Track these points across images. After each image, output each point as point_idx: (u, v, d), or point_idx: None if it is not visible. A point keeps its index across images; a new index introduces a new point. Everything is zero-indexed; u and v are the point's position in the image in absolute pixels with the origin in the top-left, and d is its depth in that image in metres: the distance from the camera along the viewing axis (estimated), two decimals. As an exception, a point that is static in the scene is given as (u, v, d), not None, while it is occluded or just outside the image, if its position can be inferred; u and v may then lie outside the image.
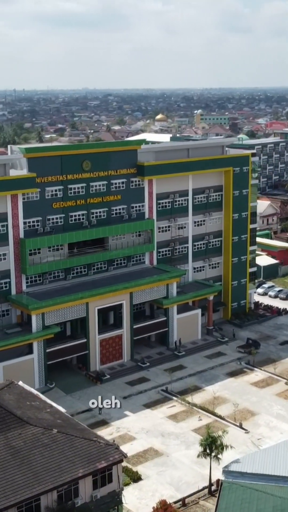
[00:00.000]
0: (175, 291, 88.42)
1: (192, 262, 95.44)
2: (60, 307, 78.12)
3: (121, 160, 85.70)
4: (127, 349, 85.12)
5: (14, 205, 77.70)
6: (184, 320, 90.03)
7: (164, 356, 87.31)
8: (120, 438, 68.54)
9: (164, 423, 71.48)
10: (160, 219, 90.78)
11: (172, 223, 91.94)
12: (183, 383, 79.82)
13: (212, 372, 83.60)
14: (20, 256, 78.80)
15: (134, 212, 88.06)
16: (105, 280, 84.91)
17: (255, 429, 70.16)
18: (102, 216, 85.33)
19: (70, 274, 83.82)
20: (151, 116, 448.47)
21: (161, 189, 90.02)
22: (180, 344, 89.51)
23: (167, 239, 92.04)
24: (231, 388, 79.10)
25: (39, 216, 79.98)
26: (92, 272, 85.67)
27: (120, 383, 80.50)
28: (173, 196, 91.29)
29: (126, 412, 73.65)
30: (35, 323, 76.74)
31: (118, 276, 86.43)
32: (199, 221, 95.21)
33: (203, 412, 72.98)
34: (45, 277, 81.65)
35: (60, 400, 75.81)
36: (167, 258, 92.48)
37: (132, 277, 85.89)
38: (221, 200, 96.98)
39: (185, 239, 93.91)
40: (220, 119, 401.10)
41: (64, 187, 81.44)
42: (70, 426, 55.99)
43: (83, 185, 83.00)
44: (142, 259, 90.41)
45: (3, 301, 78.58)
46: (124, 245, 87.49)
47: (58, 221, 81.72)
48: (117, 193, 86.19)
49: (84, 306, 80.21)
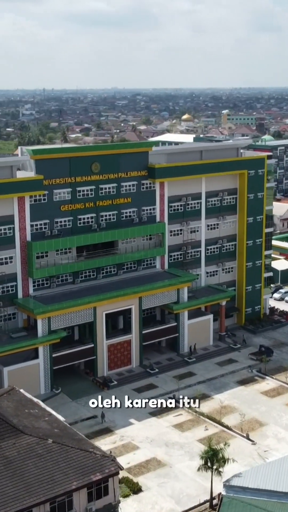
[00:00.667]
0: (186, 296, 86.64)
1: (205, 266, 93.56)
2: (67, 312, 76.87)
3: (132, 162, 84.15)
4: (136, 354, 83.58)
5: (21, 207, 76.59)
6: (196, 326, 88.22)
7: (174, 363, 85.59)
8: (123, 447, 67.09)
9: (169, 432, 69.81)
10: (172, 222, 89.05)
11: (184, 226, 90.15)
12: (191, 391, 77.94)
13: (222, 379, 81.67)
14: (27, 259, 77.69)
15: (144, 215, 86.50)
16: (114, 284, 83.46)
17: (262, 440, 68.16)
18: (111, 219, 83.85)
19: (79, 278, 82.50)
20: (178, 116, 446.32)
21: (173, 191, 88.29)
22: (195, 349, 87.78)
23: (179, 243, 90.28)
24: (240, 397, 77.13)
25: (46, 218, 78.77)
26: (101, 276, 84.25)
27: (128, 389, 78.97)
28: (185, 199, 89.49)
29: (131, 420, 72.15)
30: (40, 327, 75.59)
31: (127, 280, 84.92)
32: (213, 225, 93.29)
33: (210, 422, 71.15)
34: (52, 281, 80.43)
35: (65, 406, 74.81)
36: (179, 262, 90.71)
37: (142, 281, 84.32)
38: (236, 203, 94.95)
39: (198, 243, 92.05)
40: (247, 119, 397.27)
41: (72, 190, 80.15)
42: (67, 435, 54.58)
43: (92, 187, 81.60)
44: (153, 263, 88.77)
45: (10, 305, 77.50)
46: (134, 248, 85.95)
47: (66, 224, 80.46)
48: (127, 196, 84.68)
49: (92, 311, 78.87)
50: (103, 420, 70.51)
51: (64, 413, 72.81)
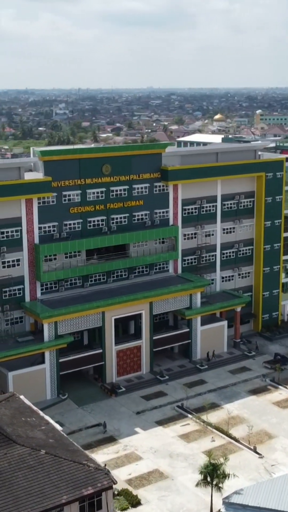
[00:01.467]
0: (199, 301, 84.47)
1: (220, 271, 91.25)
2: (74, 316, 75.35)
3: (144, 164, 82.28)
4: (146, 360, 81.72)
5: (29, 209, 75.28)
6: (209, 332, 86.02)
7: (186, 370, 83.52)
8: (126, 457, 65.30)
9: (174, 442, 67.78)
10: (186, 225, 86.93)
11: (199, 230, 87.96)
12: (201, 400, 75.88)
13: (234, 388, 79.33)
14: (35, 262, 76.36)
15: (157, 218, 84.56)
16: (124, 288, 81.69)
17: (270, 453, 65.73)
18: (123, 222, 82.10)
19: (88, 282, 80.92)
20: (211, 116, 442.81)
21: (187, 194, 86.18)
22: (214, 356, 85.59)
23: (193, 247, 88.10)
24: (251, 407, 74.73)
25: (55, 221, 77.35)
26: (112, 280, 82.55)
27: (136, 396, 77.19)
28: (200, 202, 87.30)
29: (136, 429, 70.34)
30: (47, 332, 74.19)
31: (138, 284, 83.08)
32: (229, 229, 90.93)
33: (217, 433, 68.94)
34: (61, 284, 78.98)
35: (71, 413, 73.35)
36: (193, 266, 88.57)
37: (153, 286, 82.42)
38: (253, 206, 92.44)
39: (213, 247, 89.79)
40: (281, 119, 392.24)
41: (82, 192, 78.60)
42: (62, 446, 52.98)
43: (102, 189, 79.94)
44: (166, 267, 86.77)
45: (17, 308, 76.28)
46: (146, 252, 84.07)
47: (76, 226, 78.92)
48: (139, 198, 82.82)
49: (100, 316, 77.20)
50: (105, 430, 68.75)
51: (69, 420, 71.82)
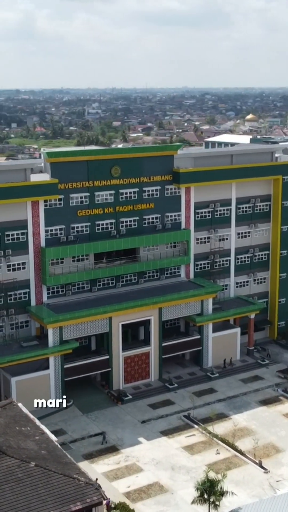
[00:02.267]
0: (211, 307, 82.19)
1: (235, 276, 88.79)
2: (80, 321, 73.75)
3: (155, 166, 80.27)
4: (155, 368, 79.74)
5: (35, 212, 73.87)
6: (221, 339, 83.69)
7: (196, 377, 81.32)
8: (126, 468, 63.44)
9: (178, 454, 65.70)
10: (199, 229, 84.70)
11: (212, 234, 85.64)
12: (209, 409, 73.60)
13: (244, 398, 76.91)
14: (41, 266, 74.93)
15: (168, 221, 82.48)
16: (133, 293, 79.83)
17: (276, 468, 63.24)
18: (132, 226, 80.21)
19: (96, 286, 79.22)
20: (244, 115, 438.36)
21: (200, 197, 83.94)
22: (231, 363, 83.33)
23: (206, 251, 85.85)
24: (260, 419, 72.27)
25: (62, 224, 75.79)
26: (121, 285, 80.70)
27: (142, 405, 75.26)
28: (213, 205, 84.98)
29: (140, 439, 68.44)
30: (51, 337, 72.70)
31: (148, 289, 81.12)
32: (243, 233, 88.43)
33: (222, 445, 66.67)
34: (68, 288, 77.42)
35: (74, 421, 71.78)
36: (206, 271, 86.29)
37: (164, 291, 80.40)
38: (269, 210, 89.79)
39: (227, 252, 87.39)
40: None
41: (90, 194, 76.92)
42: (54, 458, 51.29)
43: (111, 192, 78.19)
44: (177, 271, 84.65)
45: (22, 312, 74.93)
46: (156, 256, 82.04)
47: (84, 229, 77.28)
48: (150, 201, 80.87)
49: (107, 321, 75.45)
50: (104, 441, 66.96)
51: (72, 428, 70.27)
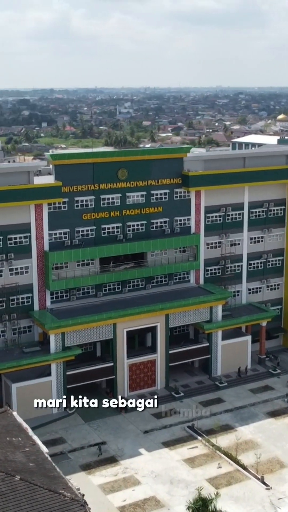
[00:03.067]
0: (220, 314, 79.92)
1: (247, 282, 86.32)
2: (83, 327, 72.13)
3: (164, 169, 78.24)
4: (161, 375, 77.75)
5: (38, 215, 72.42)
6: (231, 347, 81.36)
7: (204, 386, 79.13)
8: (123, 481, 61.56)
9: (178, 467, 63.62)
10: (209, 234, 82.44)
11: (223, 239, 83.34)
12: (215, 420, 71.42)
13: (252, 409, 74.48)
14: (44, 270, 73.47)
15: (178, 226, 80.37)
16: (140, 299, 77.92)
17: (279, 485, 60.77)
18: (140, 230, 78.31)
19: (102, 291, 77.49)
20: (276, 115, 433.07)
21: (210, 201, 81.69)
22: (246, 371, 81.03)
23: (217, 256, 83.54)
24: (267, 431, 69.83)
25: (66, 227, 74.23)
26: (127, 290, 78.87)
27: (146, 414, 73.20)
28: (224, 210, 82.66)
29: (140, 450, 66.55)
30: (53, 343, 71.21)
31: (155, 295, 79.15)
32: (256, 238, 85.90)
33: (225, 458, 64.42)
34: (72, 293, 75.84)
35: (75, 429, 70.16)
36: (216, 277, 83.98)
37: (171, 297, 78.36)
38: (284, 215, 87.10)
39: (239, 257, 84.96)
40: None
41: (96, 197, 75.23)
42: (41, 471, 49.79)
43: (118, 195, 76.37)
44: (187, 277, 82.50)
45: (25, 317, 73.57)
46: (164, 261, 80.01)
47: (89, 233, 75.62)
48: (158, 205, 78.85)
49: (111, 327, 73.70)
50: (100, 453, 65.16)
51: (72, 436, 68.67)
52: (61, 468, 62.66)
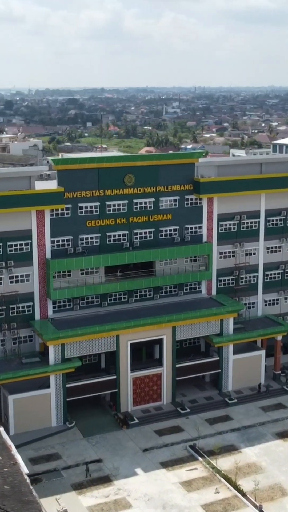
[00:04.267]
0: (232, 327, 76.30)
1: (263, 294, 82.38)
2: (84, 339, 69.50)
3: (174, 175, 75.03)
4: (167, 390, 74.58)
5: (40, 221, 70.08)
6: (243, 362, 77.66)
7: (212, 403, 75.63)
8: (114, 503, 58.60)
9: (173, 490, 60.35)
10: (222, 243, 78.86)
11: (238, 248, 79.62)
12: (219, 440, 67.96)
13: (260, 429, 70.66)
14: (46, 278, 71.11)
15: (188, 234, 77.03)
16: (147, 309, 74.92)
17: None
18: (148, 238, 75.28)
19: (107, 301, 74.74)
20: None
21: (224, 208, 78.09)
22: (267, 389, 77.33)
23: (231, 266, 79.86)
24: (273, 454, 65.98)
25: (69, 235, 71.73)
26: (133, 300, 75.94)
27: (148, 430, 70.28)
28: (239, 218, 78.94)
29: (137, 470, 63.51)
30: (52, 354, 68.80)
31: (163, 306, 76.04)
32: (274, 247, 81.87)
33: (224, 482, 60.90)
34: (75, 303, 73.30)
35: (73, 444, 67.61)
36: (230, 288, 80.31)
37: (180, 308, 75.09)
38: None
39: (254, 267, 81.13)
40: None
41: (101, 204, 72.52)
42: (15, 495, 47.35)
43: (124, 202, 73.49)
44: (198, 287, 79.08)
45: (26, 326, 71.35)
46: (174, 271, 76.79)
47: (94, 241, 72.96)
48: (167, 212, 75.68)
49: (114, 339, 70.88)
50: (88, 474, 62.32)
51: (68, 452, 66.15)
52: (51, 486, 60.85)
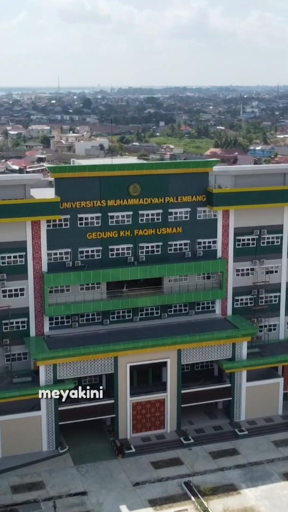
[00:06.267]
0: (245, 352, 69.95)
1: (286, 315, 75.52)
2: (78, 359, 64.82)
3: (185, 185, 69.29)
4: (171, 417, 68.97)
5: (35, 233, 65.82)
6: (259, 390, 71.19)
7: (220, 433, 69.49)
8: None
9: (155, 534, 55.06)
10: (240, 259, 72.54)
11: (257, 265, 73.08)
12: (219, 477, 62.04)
13: (267, 467, 64.08)
14: (42, 293, 66.85)
15: (200, 249, 71.09)
16: (152, 329, 69.54)
17: None
18: (155, 252, 69.83)
19: (109, 318, 69.82)
20: None
21: (241, 222, 71.73)
22: None
23: (249, 285, 73.38)
24: (275, 498, 59.40)
25: (68, 247, 67.15)
26: (139, 318, 70.72)
27: (145, 461, 64.96)
28: (258, 232, 72.39)
29: (121, 507, 58.34)
30: (43, 375, 64.44)
31: (170, 326, 70.45)
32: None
33: (212, 529, 55.09)
34: (74, 319, 68.73)
35: (61, 473, 63.20)
36: (247, 308, 73.87)
37: (188, 329, 69.37)
38: None
39: (276, 286, 74.35)
40: None
41: (102, 215, 67.59)
42: None
43: (129, 213, 68.30)
44: (212, 307, 73.03)
45: (19, 343, 67.31)
46: (183, 288, 71.05)
47: (95, 254, 68.14)
48: (177, 225, 69.99)
49: (112, 361, 65.88)
50: (54, 511, 57.53)
51: (54, 481, 61.78)
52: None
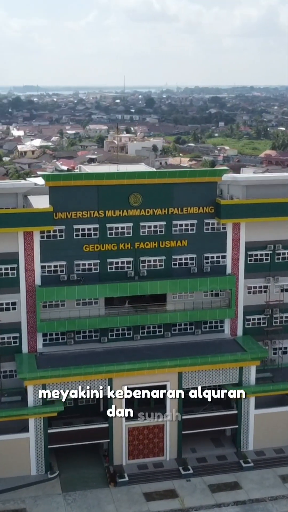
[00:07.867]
0: (254, 377, 64.59)
1: (302, 337, 69.77)
2: (69, 380, 60.86)
3: (191, 195, 64.34)
4: (171, 444, 64.28)
5: (28, 244, 62.10)
6: (268, 418, 65.75)
7: (224, 464, 64.34)
8: None
9: None
10: (251, 276, 67.07)
11: (271, 283, 67.51)
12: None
13: (269, 506, 58.58)
14: (35, 308, 63.16)
15: (208, 264, 66.01)
16: (152, 349, 64.97)
17: None
18: (157, 266, 65.15)
19: (107, 336, 65.58)
20: None
21: (253, 236, 66.27)
22: None
23: (261, 304, 67.88)
24: None
25: (63, 260, 63.17)
26: (139, 336, 66.23)
27: (137, 491, 60.47)
28: (273, 247, 66.80)
29: None
30: (31, 395, 60.76)
31: (174, 346, 65.68)
32: None
33: None
34: (69, 336, 64.80)
35: (45, 500, 59.40)
36: (260, 329, 68.37)
37: (192, 350, 64.51)
38: None
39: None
40: None
41: (101, 226, 63.35)
42: None
43: (129, 224, 63.81)
44: (221, 326, 67.87)
45: (9, 360, 63.87)
46: (189, 306, 66.16)
47: (92, 268, 63.98)
48: (182, 238, 65.11)
49: (106, 382, 61.65)
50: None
51: (37, 509, 58.76)
52: None
